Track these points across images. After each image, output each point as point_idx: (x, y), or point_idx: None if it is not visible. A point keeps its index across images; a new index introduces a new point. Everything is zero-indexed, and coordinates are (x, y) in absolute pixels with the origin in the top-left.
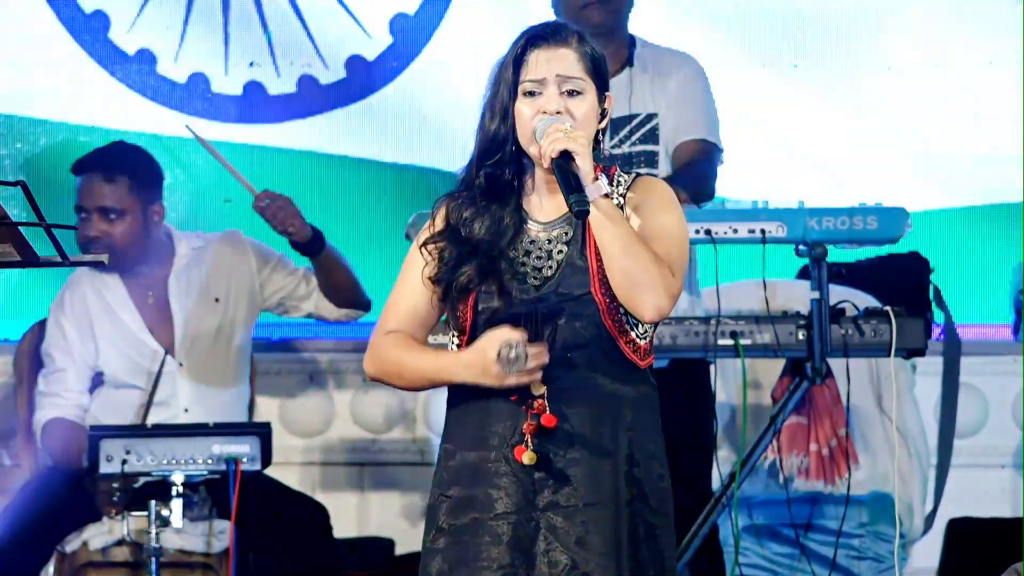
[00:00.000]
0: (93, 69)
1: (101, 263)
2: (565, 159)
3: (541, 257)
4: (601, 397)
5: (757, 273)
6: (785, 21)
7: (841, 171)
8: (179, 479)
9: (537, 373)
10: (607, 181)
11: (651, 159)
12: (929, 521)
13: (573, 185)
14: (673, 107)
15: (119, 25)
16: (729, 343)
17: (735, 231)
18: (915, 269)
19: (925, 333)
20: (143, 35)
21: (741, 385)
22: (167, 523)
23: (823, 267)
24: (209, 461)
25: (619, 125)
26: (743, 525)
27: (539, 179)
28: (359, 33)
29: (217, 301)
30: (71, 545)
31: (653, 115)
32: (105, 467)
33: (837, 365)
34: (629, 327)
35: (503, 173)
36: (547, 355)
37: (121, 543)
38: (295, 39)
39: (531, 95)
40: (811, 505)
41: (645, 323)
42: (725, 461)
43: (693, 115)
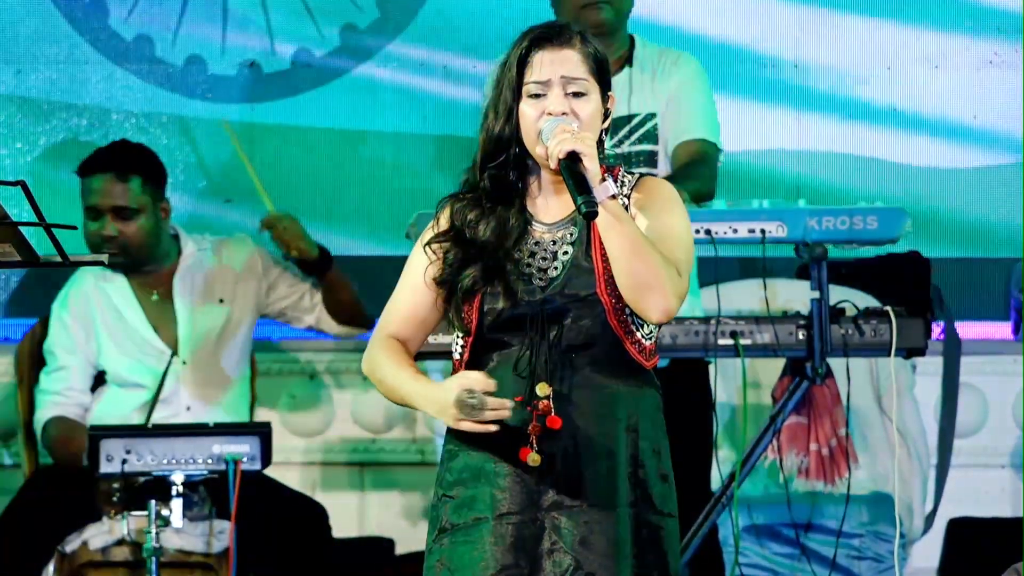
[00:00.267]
0: (93, 55)
1: (101, 263)
2: (573, 160)
3: (546, 258)
4: (606, 398)
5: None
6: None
7: (841, 171)
8: (179, 479)
9: (491, 425)
10: (612, 181)
11: (650, 159)
12: (929, 521)
13: (581, 186)
14: (672, 107)
15: (117, 13)
16: (729, 343)
17: (735, 231)
18: (915, 269)
19: (925, 333)
20: (140, 22)
21: (741, 385)
22: (167, 523)
23: (823, 267)
24: (209, 461)
25: (618, 125)
26: (743, 525)
27: (544, 180)
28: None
29: (222, 302)
30: (71, 545)
31: (652, 115)
32: (105, 467)
33: (837, 365)
34: (635, 327)
35: (508, 175)
36: (508, 411)
37: (121, 543)
38: (290, 15)
39: (536, 96)
40: (811, 505)
41: (652, 324)
42: (725, 461)
43: (692, 115)
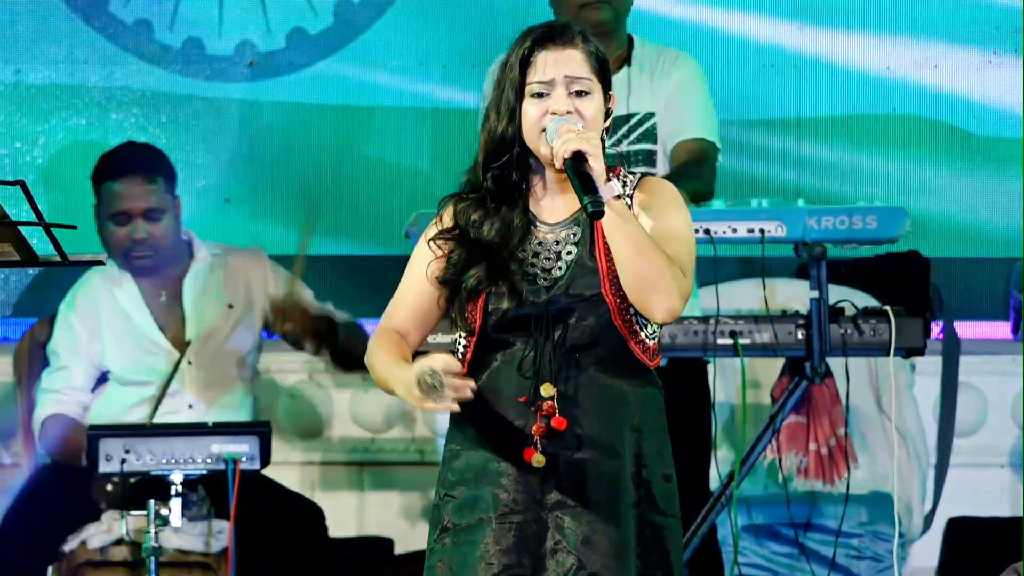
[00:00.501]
0: (93, 55)
1: (101, 263)
2: (578, 160)
3: (550, 258)
4: (610, 397)
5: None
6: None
7: (841, 171)
8: (178, 478)
9: (452, 404)
10: (617, 181)
11: (649, 158)
12: (928, 520)
13: (587, 186)
14: (671, 106)
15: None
16: (728, 342)
17: (734, 230)
18: (914, 269)
19: (924, 332)
20: (140, 6)
21: (740, 384)
22: (166, 522)
23: (822, 266)
24: (208, 460)
25: (617, 124)
26: (742, 524)
27: (547, 180)
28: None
29: (231, 307)
30: (70, 544)
31: (651, 114)
32: (104, 466)
33: (836, 364)
34: (639, 327)
35: (511, 175)
36: (470, 392)
37: (120, 542)
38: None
39: (539, 96)
40: (810, 504)
41: (656, 324)
42: (724, 460)
43: (691, 114)
